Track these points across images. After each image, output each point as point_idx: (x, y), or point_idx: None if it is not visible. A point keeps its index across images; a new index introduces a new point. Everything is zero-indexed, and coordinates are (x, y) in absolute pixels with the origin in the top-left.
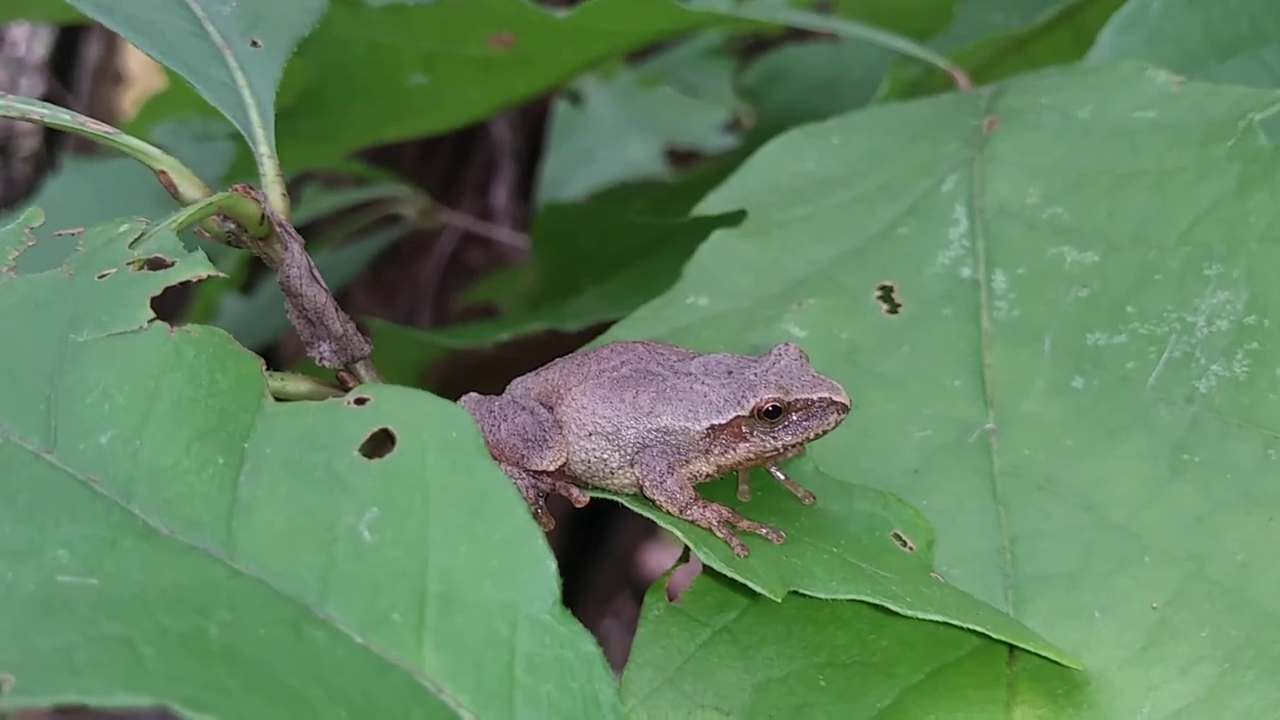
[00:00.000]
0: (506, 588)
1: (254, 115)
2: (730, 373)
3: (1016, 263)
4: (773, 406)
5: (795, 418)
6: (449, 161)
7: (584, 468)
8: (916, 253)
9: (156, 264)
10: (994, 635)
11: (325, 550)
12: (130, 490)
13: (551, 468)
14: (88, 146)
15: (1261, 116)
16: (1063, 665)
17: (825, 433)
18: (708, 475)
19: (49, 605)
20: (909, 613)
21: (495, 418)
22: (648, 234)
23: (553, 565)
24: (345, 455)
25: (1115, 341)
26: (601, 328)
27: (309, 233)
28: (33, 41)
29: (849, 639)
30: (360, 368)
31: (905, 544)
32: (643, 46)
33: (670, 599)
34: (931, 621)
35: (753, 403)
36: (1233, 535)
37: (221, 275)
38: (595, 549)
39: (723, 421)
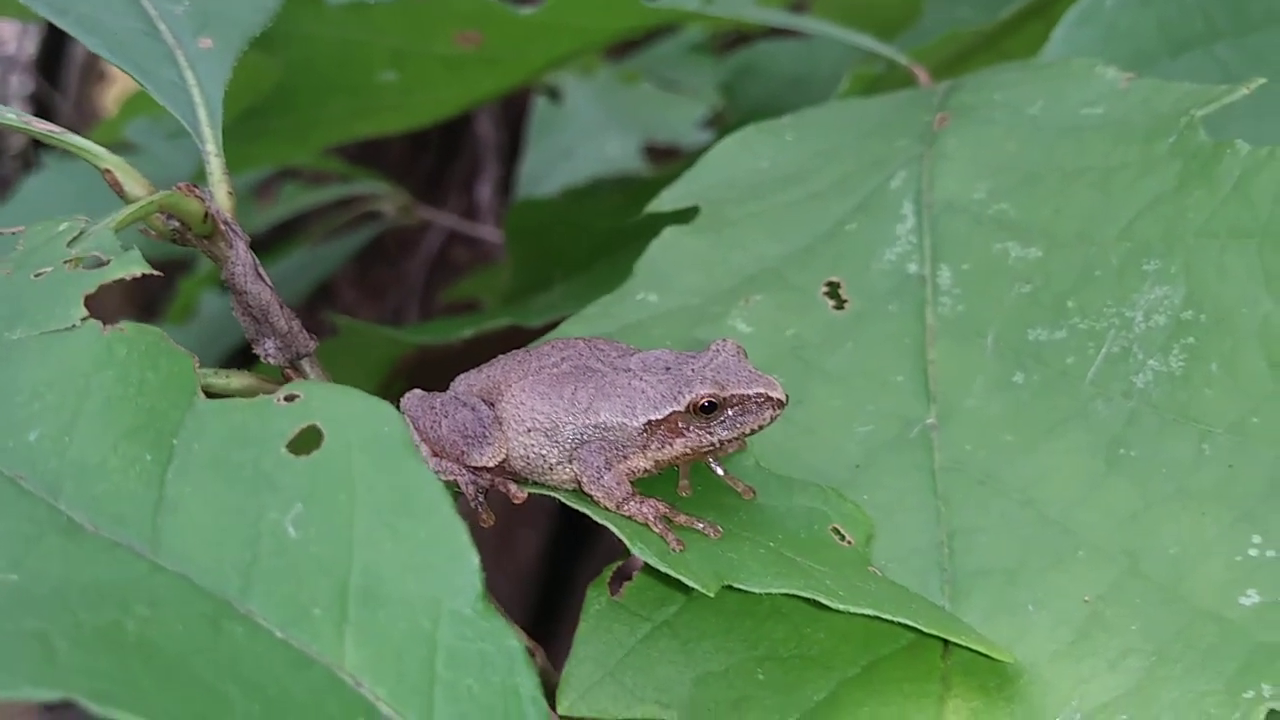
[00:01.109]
0: (429, 583)
1: (202, 114)
2: (668, 369)
3: (962, 258)
4: (708, 402)
5: (731, 413)
6: (435, 159)
7: (523, 464)
8: (864, 249)
9: (94, 263)
10: (925, 629)
11: (249, 546)
12: (57, 487)
13: (491, 464)
14: None
15: (1203, 113)
16: (995, 659)
17: (761, 428)
18: (646, 471)
19: None
20: (841, 607)
21: (436, 414)
22: (619, 231)
23: (476, 560)
24: (272, 452)
25: (1056, 337)
26: (559, 323)
27: (290, 229)
28: (23, 40)
29: (787, 632)
30: (305, 364)
31: (844, 538)
32: (615, 43)
33: (612, 594)
34: (864, 616)
35: (689, 398)
36: (1167, 530)
37: (156, 273)
38: (578, 555)
39: (659, 417)
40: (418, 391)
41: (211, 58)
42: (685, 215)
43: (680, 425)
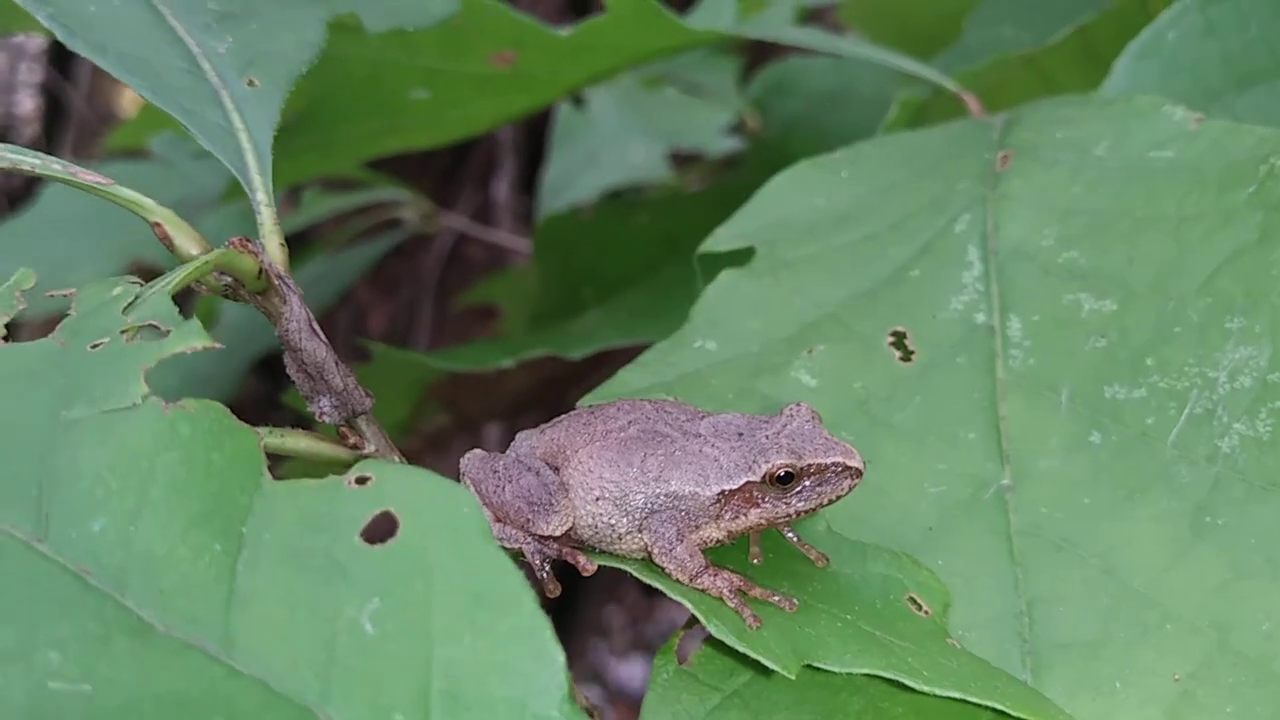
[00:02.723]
0: (513, 683)
1: (250, 160)
2: (741, 435)
3: (1032, 309)
4: (785, 472)
5: (808, 483)
6: (450, 156)
7: (591, 533)
8: (929, 296)
9: (152, 334)
10: (1012, 712)
11: (326, 645)
12: (124, 582)
13: (557, 533)
14: (85, 144)
15: None
16: None
17: (839, 498)
18: (718, 541)
19: (40, 716)
20: (926, 689)
21: (499, 479)
22: (651, 250)
23: (561, 658)
24: (346, 540)
25: (1134, 395)
26: (603, 356)
27: (308, 237)
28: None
29: (863, 706)
30: (361, 422)
31: (921, 608)
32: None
33: (680, 661)
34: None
35: (765, 468)
36: (1257, 604)
37: (218, 346)
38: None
39: (734, 487)
40: (479, 452)
41: (258, 99)
42: (739, 255)
43: (755, 495)
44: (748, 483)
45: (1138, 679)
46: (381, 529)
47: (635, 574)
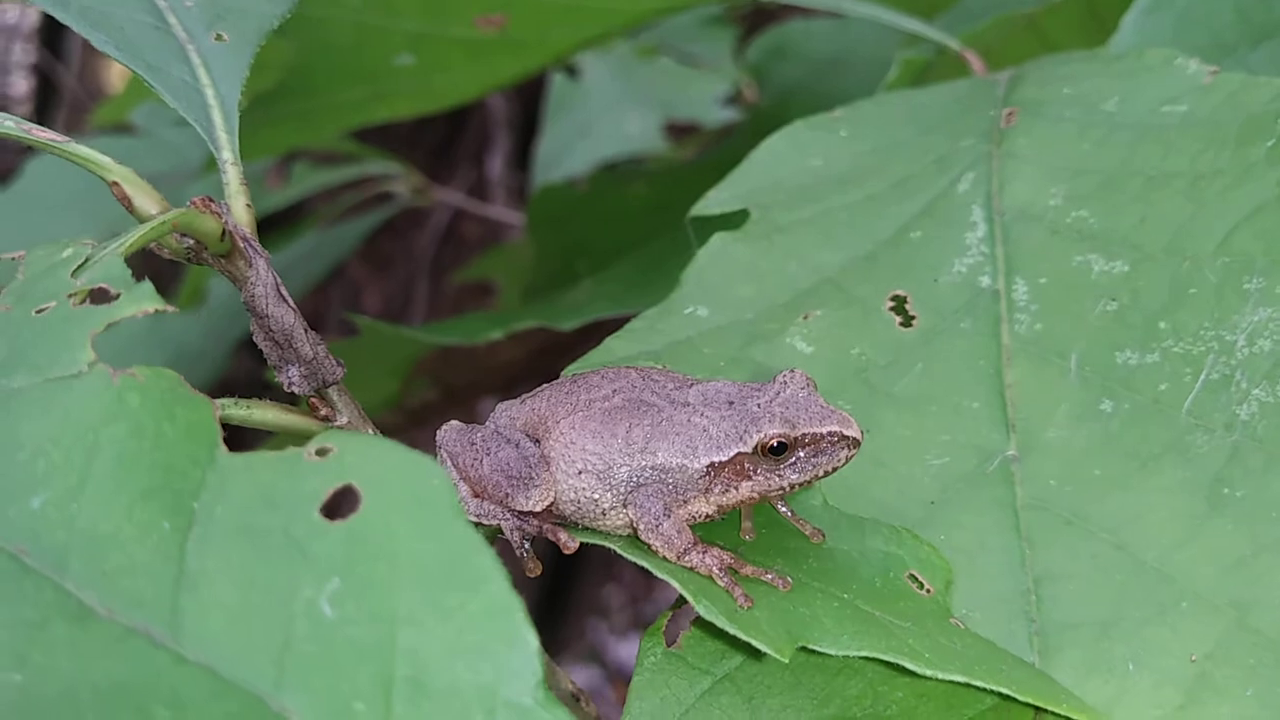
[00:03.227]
0: (483, 669)
1: (217, 117)
2: (731, 403)
3: (1039, 271)
4: (778, 443)
5: (803, 454)
6: (443, 131)
7: (573, 508)
8: (932, 259)
9: (100, 295)
10: (1019, 697)
11: (282, 629)
12: (64, 563)
13: (538, 508)
14: (77, 123)
15: None
16: None
17: (835, 470)
18: (707, 516)
19: None
20: (928, 672)
21: (478, 451)
22: (645, 221)
23: (535, 642)
24: (305, 517)
25: (1147, 361)
26: (595, 327)
27: (299, 211)
28: (25, 9)
29: (861, 689)
30: (333, 393)
31: (922, 586)
32: (640, 25)
33: (669, 643)
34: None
35: (756, 439)
36: (1277, 580)
37: (170, 309)
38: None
39: (724, 459)
40: (455, 424)
41: (226, 54)
42: (732, 219)
43: (747, 467)
44: (738, 454)
45: (1152, 660)
46: (343, 504)
47: (620, 552)
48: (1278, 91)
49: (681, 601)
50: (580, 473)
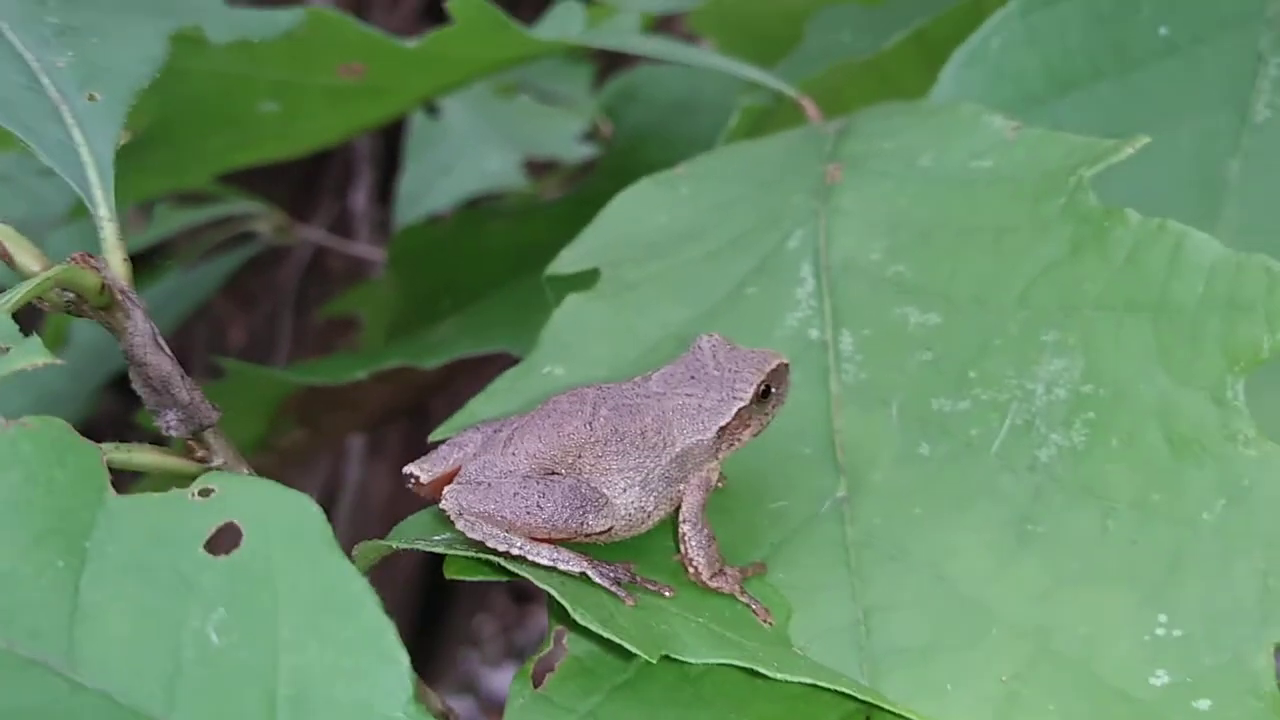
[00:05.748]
0: (359, 687)
1: (92, 175)
2: (693, 377)
3: (862, 323)
4: (765, 387)
5: (774, 390)
6: (307, 167)
7: (625, 524)
8: (766, 313)
9: None
10: (859, 696)
11: (172, 656)
12: None
13: (606, 527)
14: None
15: (1092, 173)
16: None
17: (787, 391)
18: (719, 479)
19: None
20: (777, 675)
21: (529, 496)
22: (508, 259)
23: (406, 661)
24: (190, 553)
25: (959, 407)
26: (459, 365)
27: (160, 252)
28: None
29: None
30: (209, 435)
31: (765, 619)
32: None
33: (535, 684)
34: (799, 684)
35: (750, 391)
36: (1076, 609)
37: (59, 363)
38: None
39: (729, 419)
40: (457, 488)
41: (99, 113)
42: (586, 277)
43: (745, 417)
44: (739, 410)
45: (968, 681)
46: (226, 540)
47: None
48: (1070, 148)
49: (549, 639)
50: (624, 490)
